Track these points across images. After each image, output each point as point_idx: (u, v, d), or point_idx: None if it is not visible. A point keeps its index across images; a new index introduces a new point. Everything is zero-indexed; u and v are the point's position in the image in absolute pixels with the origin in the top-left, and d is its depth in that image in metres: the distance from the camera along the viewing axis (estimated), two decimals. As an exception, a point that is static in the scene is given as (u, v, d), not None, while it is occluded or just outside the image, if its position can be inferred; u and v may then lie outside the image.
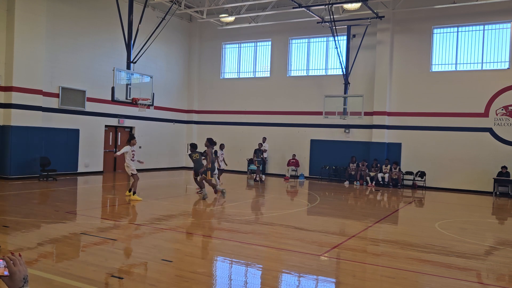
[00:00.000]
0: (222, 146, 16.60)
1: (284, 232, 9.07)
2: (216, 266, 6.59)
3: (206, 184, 13.08)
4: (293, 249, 7.49)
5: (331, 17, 18.66)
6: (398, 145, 19.61)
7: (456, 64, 18.90)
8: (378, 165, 19.23)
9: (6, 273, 1.90)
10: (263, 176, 19.56)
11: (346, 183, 19.47)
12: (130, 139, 12.35)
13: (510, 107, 17.51)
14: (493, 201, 15.99)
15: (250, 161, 22.28)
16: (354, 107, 18.67)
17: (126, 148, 12.12)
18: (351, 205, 13.66)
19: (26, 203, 11.18)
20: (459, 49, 18.82)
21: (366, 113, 19.25)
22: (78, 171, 18.32)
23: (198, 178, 13.20)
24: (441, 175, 18.59)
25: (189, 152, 13.72)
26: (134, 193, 12.05)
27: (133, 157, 12.22)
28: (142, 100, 14.68)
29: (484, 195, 17.12)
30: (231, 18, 21.04)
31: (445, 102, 18.61)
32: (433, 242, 8.33)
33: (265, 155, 19.78)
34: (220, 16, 21.32)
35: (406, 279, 6.03)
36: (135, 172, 12.16)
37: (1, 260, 1.92)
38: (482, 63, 18.42)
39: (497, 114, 17.73)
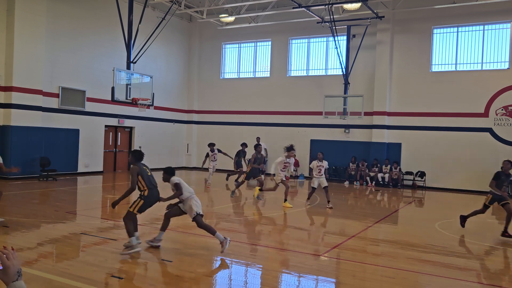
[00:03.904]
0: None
1: (284, 232, 9.07)
2: (216, 266, 6.58)
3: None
4: (293, 249, 7.49)
5: (331, 17, 18.65)
6: (398, 145, 19.61)
7: (456, 64, 18.90)
8: (378, 165, 19.23)
9: None
10: (263, 176, 19.51)
11: (346, 183, 19.47)
12: (289, 149, 12.36)
13: (510, 107, 17.51)
14: (493, 201, 15.95)
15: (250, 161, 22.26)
16: (354, 107, 18.67)
17: (281, 159, 12.27)
18: (351, 205, 13.66)
19: (26, 203, 11.17)
20: (459, 49, 18.82)
21: (366, 113, 19.24)
22: (78, 171, 18.31)
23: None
24: (441, 175, 18.59)
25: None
26: (285, 200, 12.13)
27: (283, 168, 12.24)
28: (142, 100, 14.69)
29: (484, 195, 17.05)
30: (231, 18, 21.04)
31: (445, 102, 18.61)
32: (433, 242, 8.33)
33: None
34: (220, 16, 21.32)
35: (406, 279, 6.03)
36: (284, 179, 12.23)
37: None
38: (482, 63, 18.42)
39: (497, 114, 17.73)
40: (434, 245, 8.01)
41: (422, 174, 18.75)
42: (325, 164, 12.50)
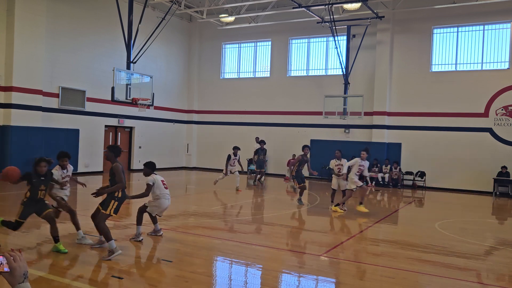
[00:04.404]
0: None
1: (284, 232, 9.07)
2: (216, 266, 6.58)
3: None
4: (293, 249, 7.49)
5: (331, 17, 18.66)
6: (398, 145, 19.61)
7: (456, 64, 18.90)
8: (378, 165, 19.23)
9: (6, 269, 1.93)
10: (263, 177, 19.52)
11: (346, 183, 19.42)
12: (365, 150, 11.32)
13: (510, 107, 17.51)
14: (493, 201, 15.98)
15: (250, 161, 22.27)
16: (354, 107, 18.67)
17: (355, 161, 11.20)
18: (351, 205, 13.64)
19: (26, 203, 11.16)
20: (459, 49, 18.83)
21: (366, 113, 19.25)
22: (78, 171, 18.30)
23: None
24: (441, 175, 18.59)
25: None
26: (361, 203, 11.26)
27: (357, 172, 11.17)
28: (142, 100, 14.69)
29: (484, 195, 17.11)
30: (231, 18, 21.04)
31: (445, 102, 18.61)
32: (433, 242, 8.32)
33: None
34: (220, 16, 21.32)
35: (406, 279, 6.03)
36: (360, 184, 11.15)
37: (2, 257, 1.95)
38: (482, 63, 18.43)
39: (497, 114, 17.73)
40: (434, 245, 8.01)
41: (422, 174, 18.74)
42: (343, 162, 11.81)
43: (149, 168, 7.50)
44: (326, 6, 18.03)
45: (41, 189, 6.55)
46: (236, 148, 15.44)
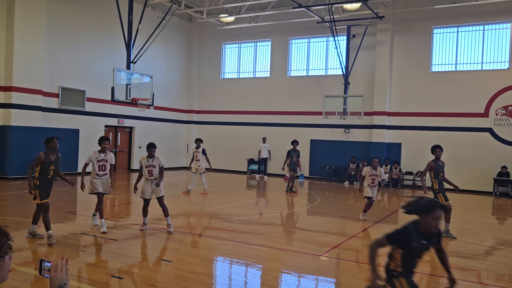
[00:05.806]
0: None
1: (284, 232, 9.07)
2: (216, 266, 6.58)
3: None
4: (293, 249, 7.49)
5: (331, 17, 18.66)
6: (398, 145, 19.60)
7: (456, 64, 18.90)
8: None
9: (47, 275, 2.05)
10: (266, 177, 19.57)
11: (346, 183, 19.46)
12: None
13: (510, 107, 17.50)
14: (493, 201, 15.98)
15: (250, 161, 22.29)
16: (354, 107, 18.68)
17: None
18: (351, 205, 13.65)
19: (26, 203, 11.16)
20: (459, 49, 18.82)
21: (366, 113, 19.24)
22: (78, 171, 18.30)
23: None
24: (441, 175, 18.55)
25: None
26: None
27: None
28: (142, 100, 14.69)
29: (484, 195, 17.11)
30: (231, 18, 21.05)
31: (445, 102, 18.60)
32: (433, 242, 8.30)
33: (266, 155, 19.68)
34: (220, 16, 21.32)
35: (406, 279, 6.02)
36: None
37: (50, 263, 2.08)
38: (482, 63, 18.42)
39: (497, 114, 17.73)
40: (434, 245, 8.00)
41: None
42: (379, 172, 10.52)
43: (155, 148, 9.33)
44: (326, 6, 18.03)
45: None
46: (198, 141, 14.08)
